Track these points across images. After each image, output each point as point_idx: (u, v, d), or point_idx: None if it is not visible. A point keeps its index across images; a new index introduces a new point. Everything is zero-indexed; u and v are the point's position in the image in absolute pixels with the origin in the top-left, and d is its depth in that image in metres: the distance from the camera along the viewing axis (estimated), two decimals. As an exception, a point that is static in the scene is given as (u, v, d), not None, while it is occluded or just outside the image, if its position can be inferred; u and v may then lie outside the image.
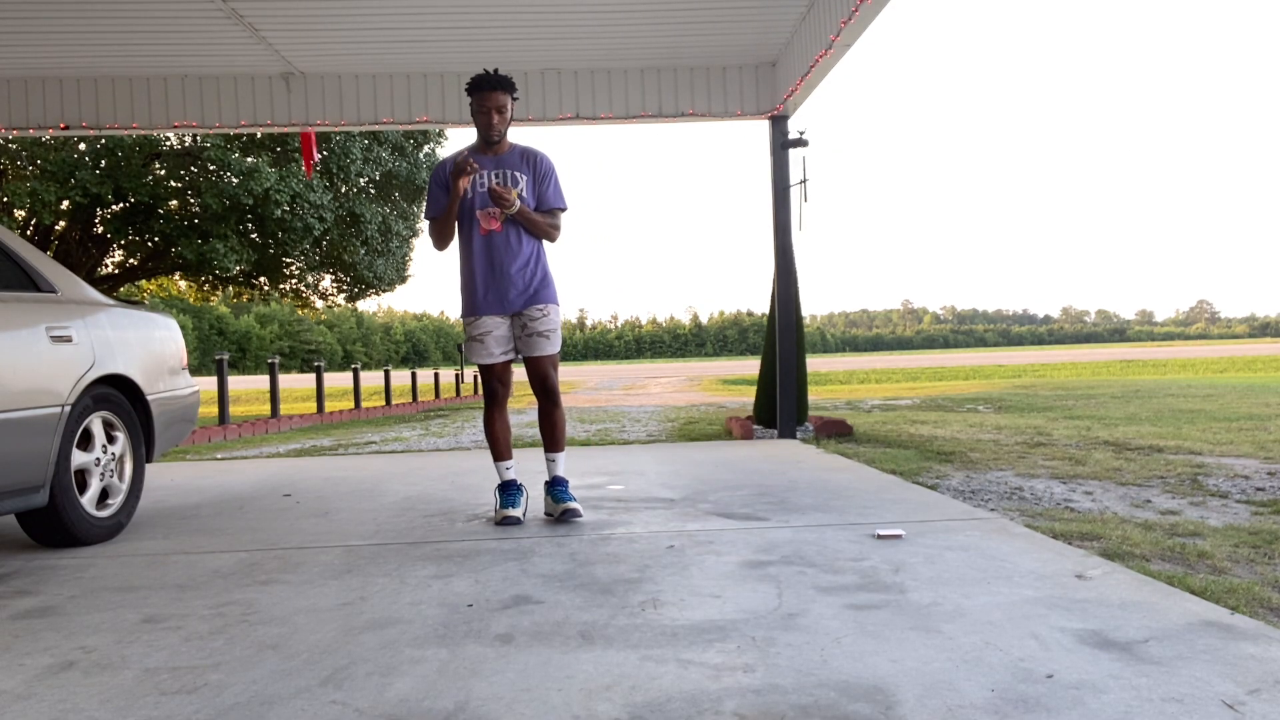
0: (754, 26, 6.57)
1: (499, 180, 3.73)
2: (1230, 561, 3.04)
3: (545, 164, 3.84)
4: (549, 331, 3.78)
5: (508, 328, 3.80)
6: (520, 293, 3.76)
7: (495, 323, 3.78)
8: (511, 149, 3.82)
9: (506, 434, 3.88)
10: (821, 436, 7.31)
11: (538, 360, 3.78)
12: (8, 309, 3.32)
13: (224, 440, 10.17)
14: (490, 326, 3.77)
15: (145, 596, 2.77)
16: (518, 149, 3.83)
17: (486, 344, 3.77)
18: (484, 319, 3.78)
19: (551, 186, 3.83)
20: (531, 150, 3.84)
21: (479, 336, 3.78)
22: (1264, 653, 1.98)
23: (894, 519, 3.60)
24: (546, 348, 3.78)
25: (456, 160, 3.68)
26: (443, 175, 3.77)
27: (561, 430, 3.89)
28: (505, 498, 3.82)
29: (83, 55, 6.84)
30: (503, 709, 1.80)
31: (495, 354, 3.78)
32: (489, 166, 3.75)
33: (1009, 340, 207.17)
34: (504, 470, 3.87)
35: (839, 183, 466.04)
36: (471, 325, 3.81)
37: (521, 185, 3.74)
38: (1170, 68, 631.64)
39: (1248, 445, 6.31)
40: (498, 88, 3.68)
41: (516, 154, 3.81)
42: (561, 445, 3.89)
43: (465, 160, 3.62)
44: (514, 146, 3.83)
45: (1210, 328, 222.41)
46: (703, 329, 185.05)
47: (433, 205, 3.79)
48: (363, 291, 19.01)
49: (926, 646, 2.08)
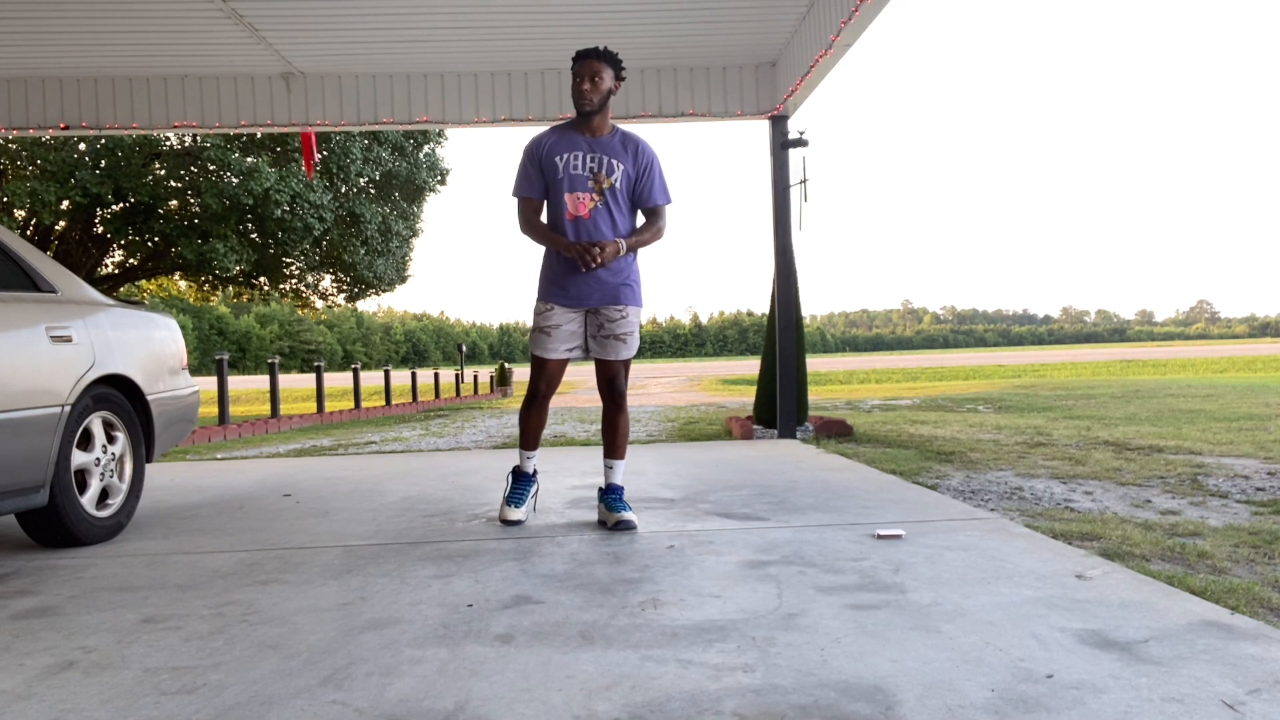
0: (754, 26, 6.57)
1: (594, 165, 3.48)
2: (1230, 561, 3.04)
3: (648, 154, 3.57)
4: (627, 335, 3.57)
5: (580, 324, 3.58)
6: (602, 289, 3.52)
7: (567, 317, 3.55)
8: (613, 132, 3.56)
9: (540, 428, 3.71)
10: (821, 436, 7.31)
11: (610, 363, 3.59)
12: (8, 309, 3.32)
13: (224, 440, 10.17)
14: (561, 320, 3.54)
15: (145, 596, 2.77)
16: (619, 132, 3.57)
17: (553, 337, 3.54)
18: (556, 310, 3.54)
19: (655, 181, 3.57)
20: (634, 136, 3.59)
21: (546, 328, 3.55)
22: (1264, 653, 1.98)
23: (894, 519, 3.60)
24: (623, 352, 3.58)
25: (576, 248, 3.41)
26: (536, 153, 3.53)
27: (625, 435, 3.69)
28: (515, 489, 3.73)
29: (83, 55, 6.84)
30: (503, 709, 1.80)
31: (559, 350, 3.55)
32: (583, 148, 3.50)
33: (1009, 340, 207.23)
34: (525, 458, 3.75)
35: (839, 183, 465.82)
36: (542, 315, 3.57)
37: (617, 174, 3.49)
38: (1170, 68, 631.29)
39: (1248, 445, 6.31)
40: (594, 56, 3.44)
41: (617, 137, 3.55)
42: (623, 452, 3.69)
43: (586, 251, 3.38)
44: (615, 129, 3.57)
45: (1210, 328, 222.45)
46: (703, 329, 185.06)
47: (522, 183, 3.55)
48: (363, 291, 19.02)
49: (926, 646, 2.08)
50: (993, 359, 55.65)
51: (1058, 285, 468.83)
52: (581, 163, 3.49)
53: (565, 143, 3.53)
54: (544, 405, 3.68)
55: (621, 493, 3.71)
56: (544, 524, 3.74)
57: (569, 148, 3.51)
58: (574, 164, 3.49)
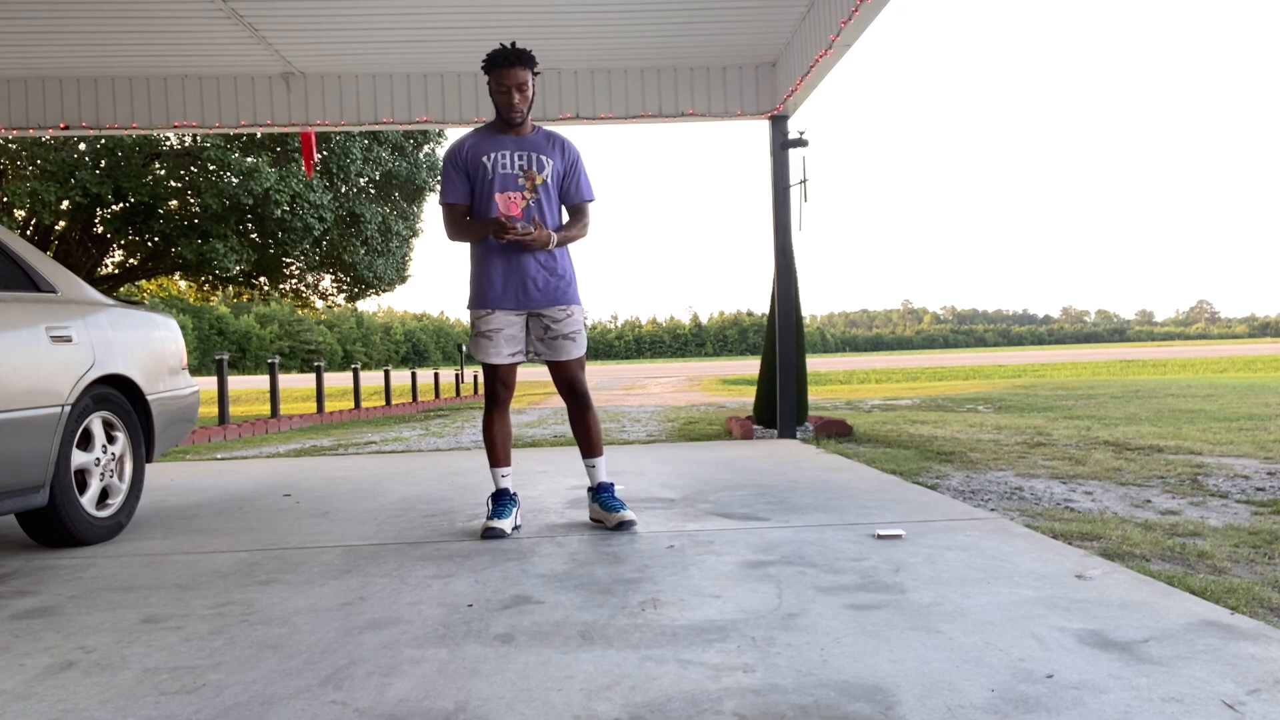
0: (754, 26, 6.57)
1: (524, 163, 3.44)
2: (1230, 561, 3.04)
3: (573, 151, 3.56)
4: (574, 333, 3.53)
5: (522, 327, 3.52)
6: (541, 290, 3.47)
7: (508, 320, 3.48)
8: (536, 130, 3.53)
9: (506, 439, 3.61)
10: (821, 436, 7.31)
11: (564, 365, 3.54)
12: (8, 309, 3.32)
13: (224, 440, 10.17)
14: (502, 324, 3.47)
15: (145, 596, 2.77)
16: (542, 131, 3.55)
17: (496, 342, 3.47)
18: (496, 314, 3.47)
19: (581, 178, 3.57)
20: (557, 135, 3.56)
21: (488, 333, 3.47)
22: (1264, 653, 1.98)
23: (894, 519, 3.60)
24: (573, 351, 3.53)
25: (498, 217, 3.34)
26: (459, 159, 3.48)
27: (597, 433, 3.65)
28: (496, 508, 3.56)
29: (83, 55, 6.84)
30: (503, 709, 1.80)
31: (504, 354, 3.48)
32: (510, 147, 3.45)
33: (1009, 340, 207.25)
34: (500, 477, 3.60)
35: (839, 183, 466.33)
36: (481, 320, 3.49)
37: (547, 170, 3.47)
38: (1170, 68, 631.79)
39: (1248, 445, 6.31)
40: (517, 63, 3.35)
41: (541, 135, 3.52)
42: (599, 449, 3.66)
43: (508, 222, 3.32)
44: (538, 128, 3.55)
45: (1210, 328, 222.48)
46: (703, 329, 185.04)
47: (449, 189, 3.50)
48: (363, 291, 19.02)
49: (926, 646, 2.08)
50: (993, 359, 55.64)
51: (1058, 285, 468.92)
52: (511, 161, 3.45)
53: (490, 143, 3.48)
54: (505, 411, 3.61)
55: (613, 489, 3.68)
56: (544, 524, 3.74)
57: (495, 147, 3.46)
58: (503, 163, 3.44)
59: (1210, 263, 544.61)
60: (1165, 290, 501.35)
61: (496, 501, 3.59)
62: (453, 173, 3.50)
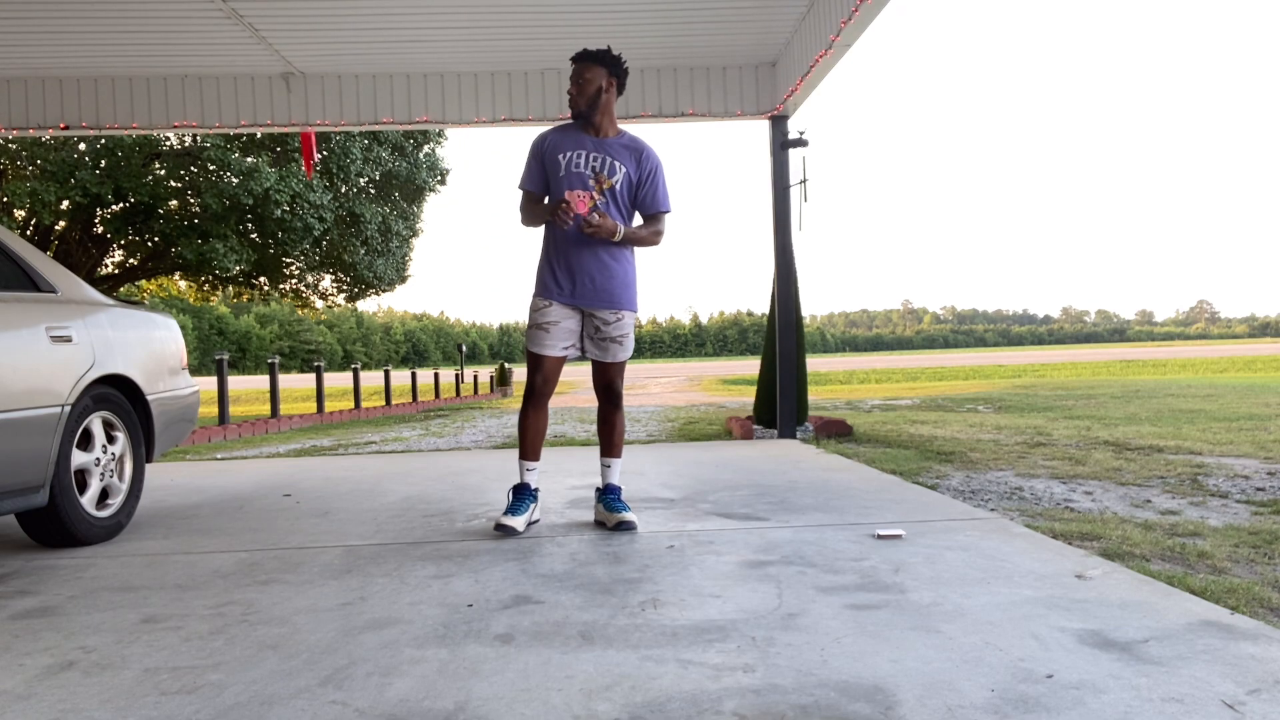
0: (754, 26, 6.57)
1: (597, 165, 3.51)
2: (1230, 561, 3.04)
3: (652, 160, 3.59)
4: (623, 337, 3.61)
5: (577, 322, 3.58)
6: (598, 290, 3.54)
7: (565, 314, 3.55)
8: (620, 135, 3.59)
9: (538, 435, 3.62)
10: (821, 436, 7.31)
11: (607, 366, 3.63)
12: (8, 309, 3.32)
13: (224, 440, 10.17)
14: (558, 317, 3.55)
15: (145, 596, 2.77)
16: (626, 136, 3.61)
17: (551, 334, 3.54)
18: (554, 307, 3.55)
19: (658, 188, 3.61)
20: (639, 142, 3.60)
21: (544, 324, 3.55)
22: (1264, 653, 1.98)
23: (894, 519, 3.60)
24: (620, 354, 3.62)
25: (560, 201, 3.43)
26: (539, 148, 3.59)
27: (621, 434, 3.73)
28: (515, 502, 3.60)
29: (83, 55, 6.84)
30: (503, 709, 1.80)
31: (556, 347, 3.55)
32: (588, 147, 3.53)
33: (1009, 340, 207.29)
34: (525, 470, 3.64)
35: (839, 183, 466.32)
36: (539, 311, 3.57)
37: (619, 176, 3.53)
38: (1170, 68, 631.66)
39: (1248, 445, 6.31)
40: (579, 59, 3.52)
41: (623, 141, 3.58)
42: (619, 450, 3.73)
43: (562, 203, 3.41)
44: (623, 133, 3.61)
45: (1210, 328, 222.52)
46: (703, 329, 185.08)
47: (526, 176, 3.62)
48: (363, 291, 19.02)
49: (926, 646, 2.08)
50: (993, 359, 55.65)
51: (1058, 285, 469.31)
52: (584, 161, 3.53)
53: (570, 141, 3.56)
54: (543, 405, 3.62)
55: (620, 492, 3.71)
56: (544, 524, 3.74)
57: (573, 146, 3.55)
58: (576, 161, 3.53)
59: (1210, 263, 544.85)
60: (1165, 290, 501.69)
61: (516, 495, 3.64)
62: (532, 161, 3.62)
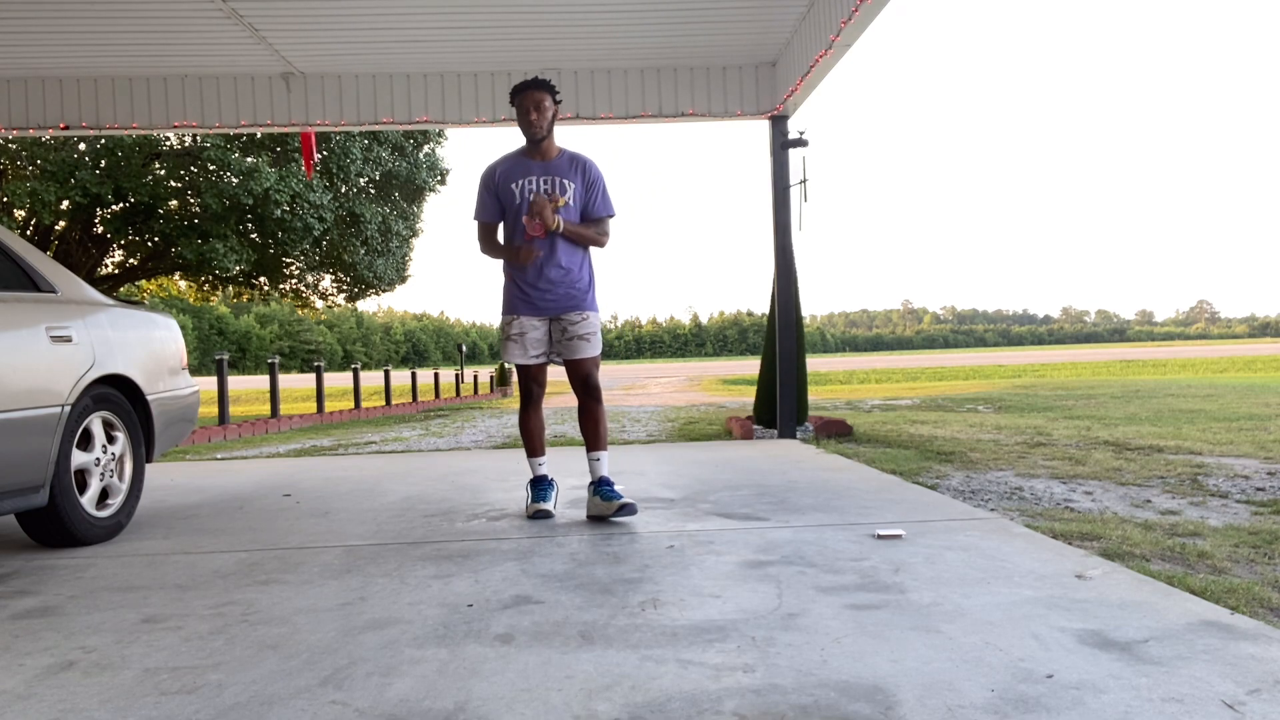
0: (754, 26, 6.57)
1: (548, 188, 3.77)
2: (1230, 561, 3.04)
3: (594, 171, 3.88)
4: (588, 335, 3.84)
5: (545, 330, 3.86)
6: (560, 299, 3.81)
7: (532, 324, 3.84)
8: (560, 154, 3.85)
9: (541, 432, 3.99)
10: (821, 436, 7.31)
11: (579, 362, 3.84)
12: (8, 309, 3.32)
13: (224, 440, 10.17)
14: (526, 328, 3.84)
15: (145, 596, 2.77)
16: (566, 154, 3.86)
17: (520, 343, 3.84)
18: (521, 319, 3.84)
19: (600, 195, 3.88)
20: (580, 157, 3.88)
21: (514, 337, 3.85)
22: (1264, 653, 1.98)
23: (894, 519, 3.60)
24: (587, 350, 3.83)
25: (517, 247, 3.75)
26: (491, 181, 3.83)
27: (604, 427, 3.91)
28: (537, 492, 3.93)
29: (83, 55, 6.84)
30: (503, 709, 1.80)
31: (530, 355, 3.86)
32: (536, 172, 3.79)
33: (1009, 340, 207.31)
34: (537, 466, 3.99)
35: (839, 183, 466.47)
36: (508, 325, 3.88)
37: (570, 193, 3.79)
38: (1170, 68, 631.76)
39: (1248, 445, 6.31)
40: (533, 87, 3.74)
41: (565, 160, 3.84)
42: (604, 444, 3.89)
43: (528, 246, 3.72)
44: (563, 152, 3.87)
45: (1210, 328, 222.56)
46: (703, 329, 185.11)
47: (481, 209, 3.87)
48: (363, 291, 19.02)
49: (926, 646, 2.08)
50: (993, 359, 55.65)
51: (1058, 285, 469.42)
52: (536, 186, 3.79)
53: (519, 169, 3.82)
54: (538, 406, 3.98)
55: (613, 484, 3.85)
56: (544, 524, 3.74)
57: (523, 173, 3.81)
58: (529, 188, 3.79)
59: (1210, 263, 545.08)
60: (1165, 290, 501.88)
61: (536, 487, 3.96)
62: (485, 194, 3.88)
